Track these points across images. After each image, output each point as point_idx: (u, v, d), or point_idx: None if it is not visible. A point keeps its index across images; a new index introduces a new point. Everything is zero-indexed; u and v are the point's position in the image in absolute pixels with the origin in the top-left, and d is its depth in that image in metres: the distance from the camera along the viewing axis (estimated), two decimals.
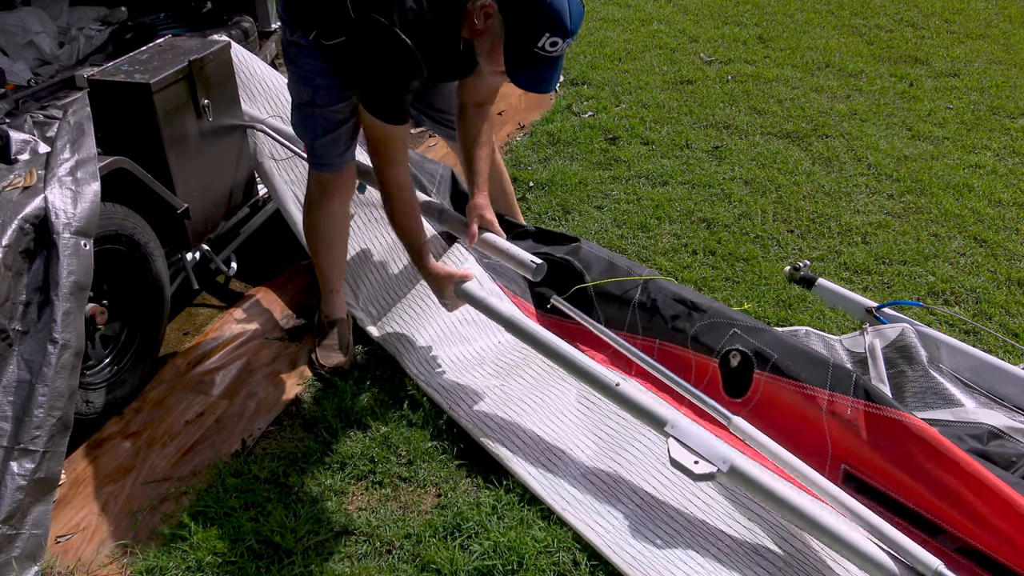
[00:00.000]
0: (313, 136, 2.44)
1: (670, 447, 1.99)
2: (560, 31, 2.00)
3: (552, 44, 2.01)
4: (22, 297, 2.01)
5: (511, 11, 2.03)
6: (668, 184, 3.76)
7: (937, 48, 5.57)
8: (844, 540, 1.83)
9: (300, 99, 2.41)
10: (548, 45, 2.01)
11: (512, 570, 1.94)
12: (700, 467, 1.94)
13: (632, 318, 2.57)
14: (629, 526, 2.03)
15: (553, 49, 2.02)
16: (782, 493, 1.89)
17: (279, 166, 3.05)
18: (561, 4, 1.98)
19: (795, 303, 2.89)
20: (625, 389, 2.12)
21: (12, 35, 3.47)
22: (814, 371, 2.20)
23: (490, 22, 2.07)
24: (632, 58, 5.37)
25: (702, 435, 2.00)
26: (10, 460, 1.89)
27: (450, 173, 3.19)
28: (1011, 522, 1.85)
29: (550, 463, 2.20)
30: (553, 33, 1.99)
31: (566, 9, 1.99)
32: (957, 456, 1.95)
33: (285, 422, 2.43)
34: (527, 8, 1.99)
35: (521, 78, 2.10)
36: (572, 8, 2.00)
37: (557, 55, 2.05)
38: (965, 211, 3.55)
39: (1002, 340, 2.72)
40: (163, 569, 1.95)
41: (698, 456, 1.95)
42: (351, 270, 2.85)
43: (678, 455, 1.97)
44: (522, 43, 2.02)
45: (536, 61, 2.05)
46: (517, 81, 2.11)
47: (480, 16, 2.08)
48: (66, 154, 2.22)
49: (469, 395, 2.41)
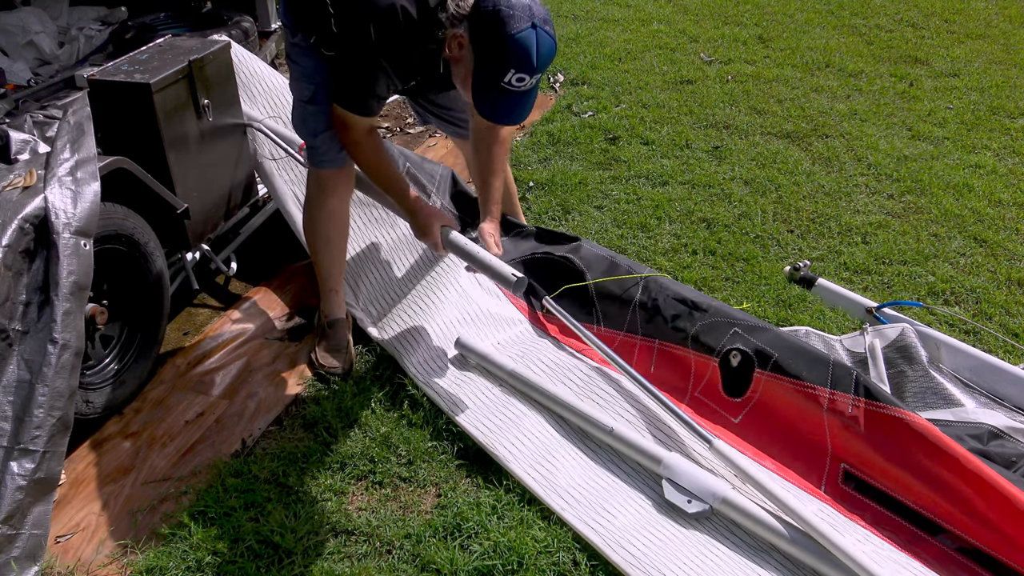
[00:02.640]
0: (314, 133, 2.44)
1: (664, 489, 2.10)
2: (527, 68, 2.00)
3: (519, 80, 2.01)
4: (22, 297, 2.01)
5: (480, 44, 2.03)
6: (668, 184, 3.75)
7: (937, 48, 5.57)
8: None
9: (302, 96, 2.43)
10: (515, 80, 2.01)
11: (512, 570, 1.94)
12: (693, 506, 2.05)
13: (632, 317, 2.57)
14: (628, 525, 2.03)
15: (520, 84, 2.02)
16: (772, 524, 1.96)
17: (279, 166, 3.05)
18: (529, 41, 1.98)
19: (795, 303, 2.89)
20: (619, 433, 2.21)
21: (12, 35, 3.48)
22: (815, 369, 2.20)
23: (463, 52, 2.08)
24: (632, 58, 5.37)
25: (694, 472, 2.09)
26: (10, 460, 1.89)
27: (450, 174, 3.19)
28: (1013, 521, 1.85)
29: (550, 463, 2.20)
30: (519, 70, 2.00)
31: (533, 47, 1.98)
32: (959, 454, 1.94)
33: (285, 422, 2.43)
34: (495, 43, 1.99)
35: (486, 109, 2.11)
36: (541, 45, 2.00)
37: (524, 90, 2.05)
38: (965, 211, 3.55)
39: (1002, 340, 2.72)
40: (163, 569, 1.95)
41: (690, 495, 2.06)
42: (351, 270, 2.85)
43: (672, 497, 2.08)
44: (489, 76, 2.03)
45: (502, 94, 2.05)
46: (482, 111, 2.12)
47: (453, 45, 2.10)
48: (66, 154, 2.22)
49: (469, 395, 2.41)
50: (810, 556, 1.91)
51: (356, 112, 2.29)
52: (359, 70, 2.20)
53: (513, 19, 1.96)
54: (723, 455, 2.08)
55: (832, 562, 1.87)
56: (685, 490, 2.07)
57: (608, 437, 2.23)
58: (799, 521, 1.92)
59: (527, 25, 1.97)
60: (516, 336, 2.66)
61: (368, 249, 2.95)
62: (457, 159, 3.88)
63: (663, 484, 2.10)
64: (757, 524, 1.98)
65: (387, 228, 2.98)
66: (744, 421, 2.28)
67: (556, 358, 2.52)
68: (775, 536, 1.96)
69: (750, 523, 2.00)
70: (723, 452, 2.08)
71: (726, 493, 2.03)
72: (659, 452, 2.15)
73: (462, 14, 2.04)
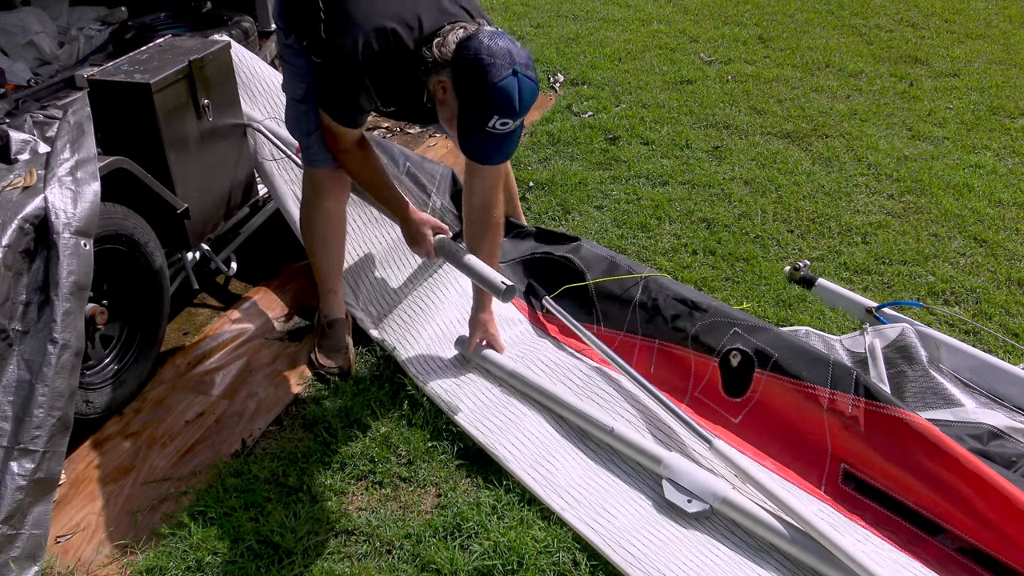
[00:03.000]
0: (307, 133, 2.45)
1: (664, 489, 2.09)
2: (509, 113, 2.00)
3: (502, 124, 2.02)
4: (22, 297, 2.01)
5: (463, 92, 2.04)
6: (668, 184, 3.75)
7: (937, 48, 5.57)
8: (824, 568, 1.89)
9: (295, 95, 2.43)
10: (498, 125, 2.02)
11: (512, 570, 1.94)
12: (693, 506, 2.05)
13: (632, 317, 2.57)
14: (628, 525, 2.03)
15: (504, 128, 2.03)
16: (772, 524, 1.96)
17: (279, 166, 3.05)
18: (510, 88, 1.98)
19: (795, 303, 2.89)
20: (619, 432, 2.21)
21: (12, 35, 3.47)
22: (815, 369, 2.20)
23: (447, 95, 2.09)
24: (632, 58, 5.37)
25: (694, 472, 2.09)
26: (10, 460, 1.89)
27: (450, 173, 3.19)
28: (1013, 521, 1.85)
29: (550, 463, 2.20)
30: (503, 115, 2.00)
31: (515, 92, 1.98)
32: (959, 454, 1.94)
33: (285, 422, 2.43)
34: (478, 91, 2.00)
35: (471, 151, 2.12)
36: (523, 89, 2.00)
37: (508, 131, 2.05)
38: (965, 211, 3.55)
39: (1002, 340, 2.72)
40: (163, 569, 1.95)
41: (690, 495, 2.06)
42: (351, 270, 2.85)
43: (672, 497, 2.08)
44: (473, 122, 2.04)
45: (486, 138, 2.06)
46: (467, 153, 2.13)
47: (438, 89, 2.11)
48: (66, 154, 2.21)
49: (469, 395, 2.41)
50: (810, 556, 1.91)
51: (341, 123, 2.32)
52: (342, 83, 2.21)
53: (494, 67, 1.96)
54: (723, 455, 2.08)
55: (832, 562, 1.87)
56: (685, 490, 2.07)
57: (608, 437, 2.23)
58: (799, 521, 1.92)
59: (508, 73, 1.97)
60: (516, 336, 2.66)
61: (368, 249, 2.95)
62: (457, 159, 3.87)
63: (663, 484, 2.11)
64: (757, 524, 1.98)
65: (387, 228, 2.98)
66: (744, 421, 2.29)
67: (556, 358, 2.52)
68: (775, 536, 1.96)
69: (750, 523, 2.00)
70: (723, 452, 2.08)
71: (726, 493, 2.03)
72: (659, 452, 2.16)
73: (445, 59, 2.06)
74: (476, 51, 1.99)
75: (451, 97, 2.08)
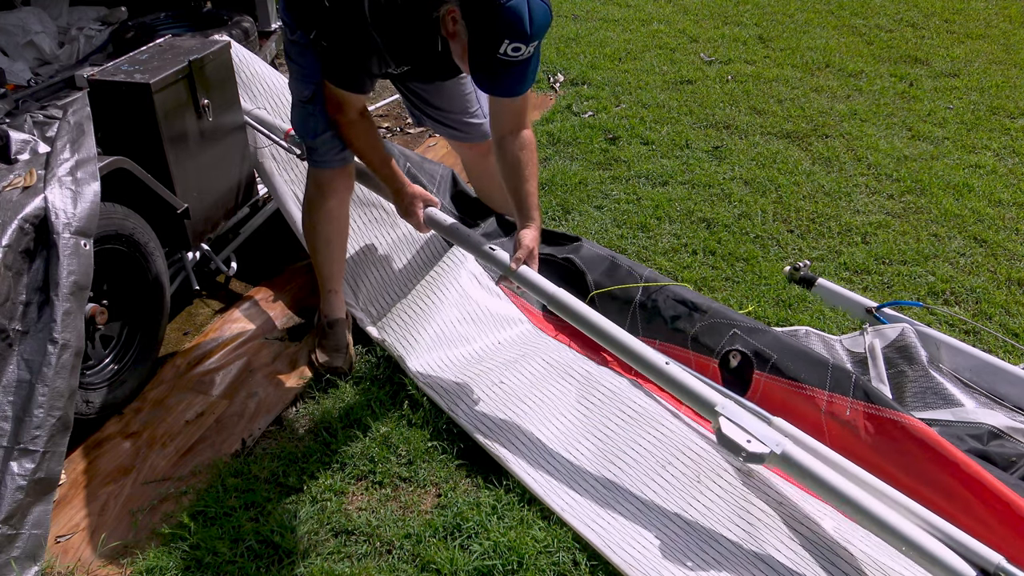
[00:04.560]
0: (313, 135, 2.44)
1: (721, 424, 1.92)
2: (520, 36, 1.95)
3: (515, 49, 1.97)
4: (22, 297, 2.01)
5: (472, 17, 1.99)
6: (668, 184, 3.76)
7: (937, 48, 5.57)
8: (901, 533, 1.76)
9: (301, 96, 2.43)
10: (510, 50, 1.97)
11: (512, 570, 1.94)
12: (753, 446, 1.88)
13: (633, 318, 2.57)
14: (629, 527, 2.03)
15: (516, 54, 1.98)
16: (835, 483, 1.84)
17: (279, 166, 3.05)
18: (521, 9, 1.93)
19: (795, 303, 2.89)
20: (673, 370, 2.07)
21: (12, 35, 3.48)
22: (813, 372, 2.20)
23: (457, 27, 2.05)
24: (632, 58, 5.37)
25: (753, 420, 1.95)
26: (10, 460, 1.89)
27: (450, 173, 3.19)
28: (1010, 524, 1.85)
29: (550, 464, 2.20)
30: (513, 39, 1.95)
31: (525, 13, 1.94)
32: (956, 457, 1.95)
33: (285, 422, 2.43)
34: (486, 14, 1.95)
35: (486, 83, 2.08)
36: (534, 11, 1.95)
37: (522, 59, 2.01)
38: (965, 211, 3.55)
39: (1002, 340, 2.72)
40: (163, 569, 1.95)
41: (751, 436, 1.89)
42: (351, 270, 2.85)
43: (730, 431, 1.90)
44: (484, 49, 1.99)
45: (500, 66, 2.02)
46: (481, 86, 2.09)
47: (448, 21, 2.06)
48: (66, 154, 2.22)
49: (468, 395, 2.41)
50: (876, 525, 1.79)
51: (348, 89, 2.27)
52: (352, 46, 2.17)
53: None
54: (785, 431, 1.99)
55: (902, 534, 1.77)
56: (745, 430, 1.90)
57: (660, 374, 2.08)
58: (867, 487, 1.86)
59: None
60: (517, 336, 2.66)
61: (368, 249, 2.95)
62: (457, 159, 3.87)
63: (719, 420, 1.93)
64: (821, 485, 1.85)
65: (387, 228, 2.98)
66: None
67: (557, 357, 2.52)
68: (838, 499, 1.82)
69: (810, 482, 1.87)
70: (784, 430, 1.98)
71: (787, 445, 1.88)
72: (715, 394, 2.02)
73: None
74: None
75: (461, 28, 2.03)
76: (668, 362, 2.09)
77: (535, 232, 2.34)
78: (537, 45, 2.01)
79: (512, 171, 2.36)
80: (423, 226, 2.50)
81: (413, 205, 2.48)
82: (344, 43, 2.19)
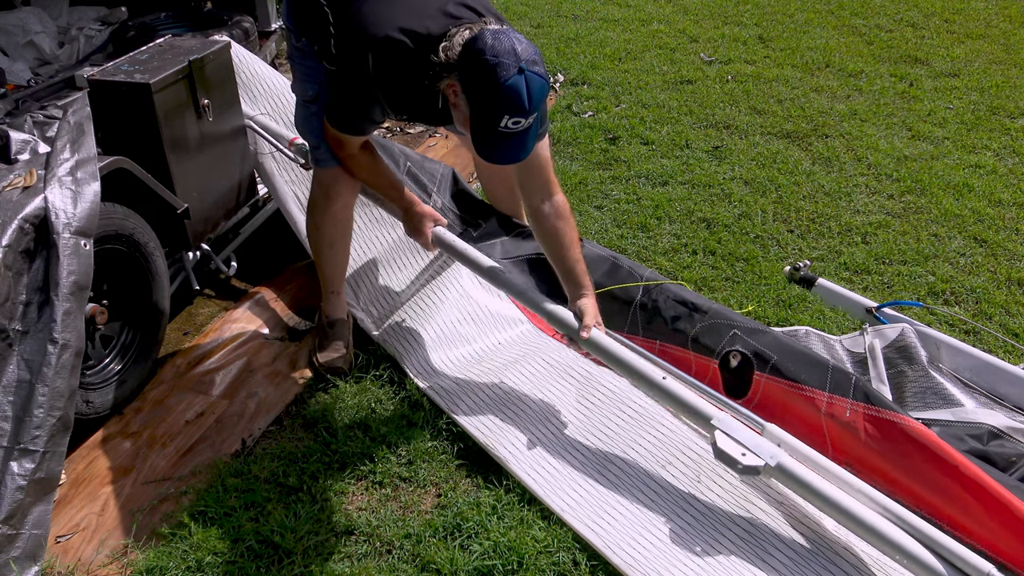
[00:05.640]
0: (317, 134, 2.44)
1: (717, 438, 1.97)
2: (519, 111, 1.98)
3: (514, 123, 2.00)
4: (22, 297, 2.01)
5: (472, 93, 2.03)
6: (668, 184, 3.76)
7: (937, 48, 5.57)
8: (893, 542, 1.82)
9: (305, 96, 2.43)
10: (510, 124, 2.00)
11: (512, 570, 1.94)
12: (748, 459, 1.93)
13: (633, 319, 2.57)
14: (629, 527, 2.03)
15: (516, 127, 2.01)
16: (830, 494, 1.88)
17: (279, 166, 3.05)
18: (519, 87, 1.95)
19: (795, 303, 2.89)
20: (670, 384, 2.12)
21: (12, 35, 3.48)
22: (813, 373, 2.20)
23: (458, 99, 2.08)
24: (632, 58, 5.37)
25: (748, 433, 1.99)
26: (10, 460, 1.89)
27: (451, 172, 3.19)
28: (1009, 525, 1.85)
29: (550, 464, 2.20)
30: (513, 114, 1.98)
31: (523, 90, 1.96)
32: (955, 459, 1.95)
33: (285, 422, 2.43)
34: (486, 92, 1.98)
35: (486, 152, 2.10)
36: (531, 86, 1.97)
37: (521, 130, 2.04)
38: (965, 211, 3.55)
39: (1002, 340, 2.72)
40: (163, 569, 1.95)
41: (746, 449, 1.94)
42: (352, 270, 2.84)
43: (725, 446, 1.95)
44: (485, 124, 2.02)
45: (501, 138, 2.04)
46: (483, 155, 2.11)
47: (449, 92, 2.10)
48: (66, 154, 2.22)
49: (469, 395, 2.42)
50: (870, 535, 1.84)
51: (349, 133, 2.34)
52: (354, 95, 2.23)
53: (500, 67, 1.95)
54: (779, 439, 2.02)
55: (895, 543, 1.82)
56: (740, 443, 1.95)
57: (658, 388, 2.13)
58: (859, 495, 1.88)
59: (514, 72, 1.95)
60: (517, 336, 2.66)
61: (369, 249, 2.94)
62: (457, 159, 3.88)
63: (715, 434, 1.98)
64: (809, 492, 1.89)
65: (388, 228, 2.98)
66: None
67: (557, 357, 2.52)
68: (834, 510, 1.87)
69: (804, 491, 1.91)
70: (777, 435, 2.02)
71: (782, 457, 1.93)
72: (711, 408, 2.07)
73: (452, 62, 2.05)
74: (481, 51, 1.98)
75: (462, 100, 2.07)
76: (665, 376, 2.14)
77: (592, 299, 2.35)
78: (536, 116, 2.04)
79: (554, 242, 2.37)
80: (431, 245, 2.56)
81: (422, 224, 2.53)
82: (347, 92, 2.25)
